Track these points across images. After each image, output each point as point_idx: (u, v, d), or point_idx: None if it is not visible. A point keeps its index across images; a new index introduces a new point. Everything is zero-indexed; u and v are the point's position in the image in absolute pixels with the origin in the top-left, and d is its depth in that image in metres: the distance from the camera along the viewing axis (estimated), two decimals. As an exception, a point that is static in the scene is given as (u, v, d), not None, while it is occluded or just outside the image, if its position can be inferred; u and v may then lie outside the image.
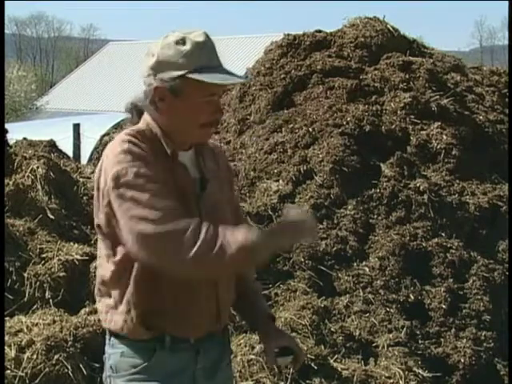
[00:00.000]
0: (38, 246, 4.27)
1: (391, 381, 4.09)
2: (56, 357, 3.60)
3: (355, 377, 4.04)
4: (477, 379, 4.43)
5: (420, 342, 4.49)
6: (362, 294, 4.64)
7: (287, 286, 4.59)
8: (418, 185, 5.34)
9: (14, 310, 3.95)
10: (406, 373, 4.15)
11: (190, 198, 2.18)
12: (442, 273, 4.87)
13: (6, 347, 3.55)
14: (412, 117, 5.86)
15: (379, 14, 6.96)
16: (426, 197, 5.26)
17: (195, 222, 2.01)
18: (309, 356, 4.00)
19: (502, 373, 4.53)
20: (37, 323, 3.78)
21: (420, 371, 4.22)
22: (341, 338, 4.31)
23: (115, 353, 2.20)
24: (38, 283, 4.08)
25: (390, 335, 4.40)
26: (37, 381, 3.51)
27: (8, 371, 3.48)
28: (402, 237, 4.99)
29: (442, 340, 4.55)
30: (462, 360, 4.45)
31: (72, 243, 4.37)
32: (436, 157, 5.67)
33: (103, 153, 2.16)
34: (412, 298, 4.70)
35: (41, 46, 69.77)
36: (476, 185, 5.57)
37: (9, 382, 3.47)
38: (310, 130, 5.71)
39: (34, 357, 3.57)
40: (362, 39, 6.55)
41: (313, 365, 4.00)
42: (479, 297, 4.79)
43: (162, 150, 2.16)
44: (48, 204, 4.59)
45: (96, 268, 2.36)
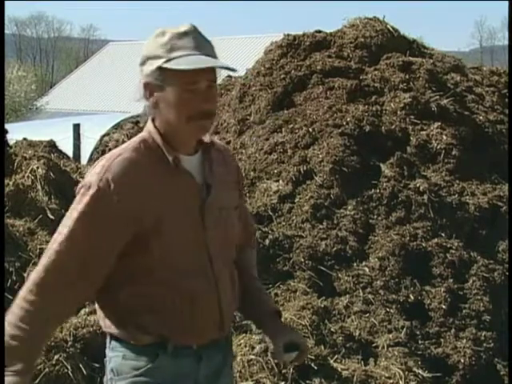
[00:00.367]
0: (38, 247, 4.27)
1: (391, 381, 4.09)
2: (56, 357, 3.61)
3: (355, 377, 4.04)
4: (477, 379, 4.43)
5: (420, 342, 4.49)
6: (361, 294, 4.64)
7: (287, 287, 4.59)
8: (417, 185, 5.34)
9: (14, 310, 3.94)
10: (406, 373, 4.15)
11: (193, 206, 2.14)
12: (442, 273, 4.87)
13: (5, 347, 3.55)
14: (412, 117, 5.86)
15: (379, 14, 6.96)
16: (425, 197, 5.26)
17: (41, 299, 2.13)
18: (309, 356, 3.99)
19: (501, 373, 4.52)
20: (37, 323, 3.77)
21: (420, 371, 4.22)
22: (341, 338, 4.30)
23: (116, 356, 2.17)
24: (38, 283, 4.07)
25: (390, 335, 4.40)
26: (37, 381, 3.51)
27: (8, 371, 3.48)
28: (401, 237, 4.99)
29: (442, 340, 4.55)
30: (462, 360, 4.45)
31: (72, 243, 4.35)
32: (436, 157, 5.67)
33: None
34: (412, 298, 4.70)
35: (41, 47, 69.72)
36: (476, 185, 5.56)
37: (9, 382, 3.46)
38: (310, 130, 5.71)
39: (34, 357, 3.56)
40: (362, 39, 6.55)
41: (313, 365, 4.00)
42: (479, 297, 4.79)
43: (163, 158, 2.12)
44: (48, 204, 4.59)
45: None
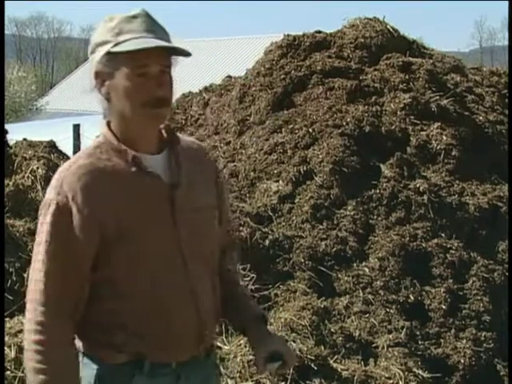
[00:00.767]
0: (38, 247, 4.26)
1: (391, 381, 4.08)
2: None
3: (355, 377, 4.03)
4: (477, 380, 4.43)
5: (420, 342, 4.49)
6: (361, 294, 4.64)
7: (287, 287, 4.59)
8: (417, 185, 5.34)
9: (14, 310, 3.94)
10: (406, 373, 4.15)
11: (163, 208, 1.99)
12: (442, 273, 4.87)
13: (6, 348, 3.55)
14: (412, 117, 5.86)
15: (379, 15, 6.97)
16: (425, 197, 5.26)
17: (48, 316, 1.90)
18: (309, 356, 4.00)
19: (501, 373, 4.52)
20: (37, 324, 3.77)
21: (420, 372, 4.21)
22: (341, 338, 4.30)
23: (90, 375, 1.99)
24: (38, 284, 4.07)
25: (390, 336, 4.40)
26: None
27: (8, 372, 3.47)
28: (401, 237, 4.99)
29: (442, 341, 4.55)
30: (462, 361, 4.44)
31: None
32: (436, 157, 5.67)
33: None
34: (412, 298, 4.69)
35: (41, 47, 69.75)
36: (476, 185, 5.57)
37: (9, 382, 3.46)
38: (310, 130, 5.71)
39: (34, 357, 3.56)
40: (362, 40, 6.55)
41: (313, 365, 4.00)
42: (479, 297, 4.79)
43: (123, 159, 1.98)
44: (48, 205, 4.58)
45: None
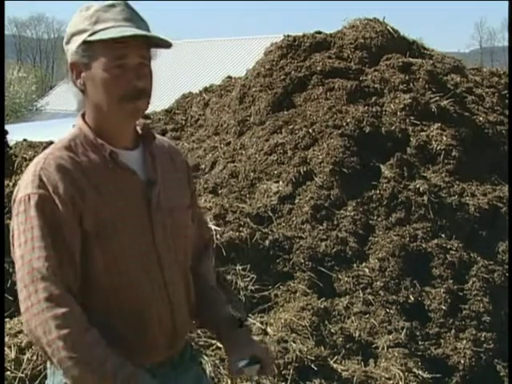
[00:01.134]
0: (38, 247, 4.26)
1: (391, 382, 4.08)
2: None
3: (355, 378, 4.03)
4: (477, 380, 4.43)
5: (420, 343, 4.49)
6: (361, 295, 4.64)
7: (287, 287, 4.58)
8: (417, 186, 5.34)
9: (14, 311, 3.94)
10: (406, 374, 4.15)
11: (139, 205, 1.96)
12: (442, 274, 4.87)
13: (6, 348, 3.55)
14: (412, 118, 5.87)
15: (379, 15, 6.99)
16: (425, 198, 5.26)
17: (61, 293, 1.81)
18: (309, 357, 4.00)
19: (501, 374, 4.52)
20: (37, 324, 3.77)
21: (420, 372, 4.21)
22: (341, 339, 4.30)
23: (58, 382, 1.93)
24: (38, 284, 4.07)
25: (390, 336, 4.40)
26: (37, 382, 3.50)
27: (8, 372, 3.48)
28: (401, 238, 4.99)
29: (442, 341, 4.55)
30: (462, 361, 4.45)
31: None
32: (436, 158, 5.67)
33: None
34: (412, 299, 4.69)
35: (41, 47, 69.71)
36: (476, 186, 5.57)
37: (9, 383, 3.46)
38: (310, 131, 5.71)
39: (34, 358, 3.56)
40: (362, 40, 6.55)
41: (313, 366, 4.00)
42: (479, 298, 4.79)
43: (98, 153, 1.94)
44: (48, 205, 4.59)
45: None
